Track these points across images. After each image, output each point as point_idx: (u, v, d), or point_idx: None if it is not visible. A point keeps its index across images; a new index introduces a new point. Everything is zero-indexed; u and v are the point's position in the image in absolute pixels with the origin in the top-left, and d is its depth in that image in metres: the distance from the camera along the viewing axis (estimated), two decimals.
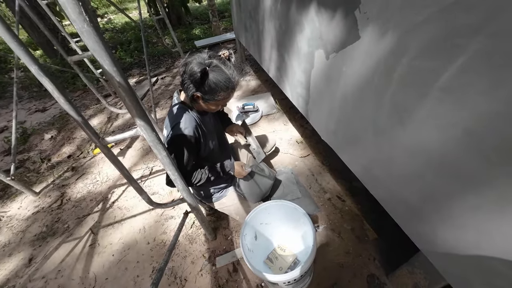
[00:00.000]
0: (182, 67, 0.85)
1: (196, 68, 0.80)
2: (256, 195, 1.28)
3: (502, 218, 0.50)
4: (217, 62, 0.84)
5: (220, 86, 0.84)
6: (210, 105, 0.93)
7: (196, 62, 0.81)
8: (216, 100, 0.89)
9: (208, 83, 0.83)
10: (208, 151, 1.10)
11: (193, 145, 0.97)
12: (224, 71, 0.84)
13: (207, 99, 0.88)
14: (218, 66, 0.84)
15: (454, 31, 0.49)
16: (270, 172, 1.32)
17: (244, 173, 1.17)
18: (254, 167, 1.25)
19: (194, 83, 0.84)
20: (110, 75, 0.51)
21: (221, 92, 0.86)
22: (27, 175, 2.12)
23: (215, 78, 0.82)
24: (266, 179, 1.30)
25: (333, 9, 0.88)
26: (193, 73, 0.81)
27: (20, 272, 1.41)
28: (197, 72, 0.80)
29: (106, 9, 9.76)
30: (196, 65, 0.81)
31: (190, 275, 1.26)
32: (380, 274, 1.14)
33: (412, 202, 0.74)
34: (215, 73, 0.82)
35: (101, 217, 1.65)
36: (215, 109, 0.96)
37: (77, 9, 0.42)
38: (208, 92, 0.85)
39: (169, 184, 0.99)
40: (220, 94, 0.87)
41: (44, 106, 3.30)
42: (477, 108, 0.49)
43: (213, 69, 0.83)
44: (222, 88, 0.85)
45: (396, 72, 0.67)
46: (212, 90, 0.85)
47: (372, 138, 0.85)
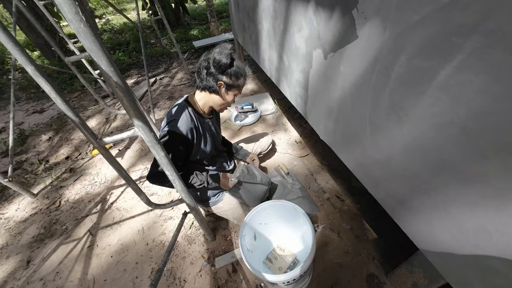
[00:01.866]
0: (205, 61, 0.94)
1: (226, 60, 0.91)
2: (252, 201, 1.25)
3: (499, 216, 0.50)
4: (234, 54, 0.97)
5: (241, 72, 0.97)
6: (229, 95, 1.00)
7: (224, 54, 0.91)
8: (236, 86, 0.99)
9: (235, 69, 0.94)
10: (201, 154, 1.11)
11: (184, 144, 0.98)
12: (241, 62, 0.99)
13: (230, 86, 0.97)
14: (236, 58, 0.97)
15: (450, 30, 0.49)
16: (263, 178, 1.26)
17: (229, 185, 1.15)
18: (242, 176, 1.18)
19: (222, 71, 0.93)
20: (107, 75, 0.50)
21: (241, 78, 0.97)
22: (25, 177, 2.10)
23: (237, 66, 0.95)
24: (259, 185, 1.24)
25: (331, 8, 0.88)
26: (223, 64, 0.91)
27: (18, 274, 1.40)
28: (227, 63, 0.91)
29: (104, 10, 9.73)
30: (225, 56, 0.91)
31: (189, 276, 1.26)
32: (379, 273, 1.14)
33: (410, 200, 0.75)
34: (237, 61, 0.95)
35: (99, 219, 1.64)
36: (230, 101, 1.03)
37: (73, 9, 0.42)
38: (233, 77, 0.95)
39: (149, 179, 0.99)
40: (240, 81, 0.98)
41: (42, 108, 3.28)
42: (474, 106, 0.49)
43: (235, 58, 0.96)
44: (242, 74, 0.97)
45: (394, 71, 0.67)
46: (235, 75, 0.95)
47: (370, 137, 0.85)
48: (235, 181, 1.16)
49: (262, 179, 1.25)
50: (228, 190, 1.23)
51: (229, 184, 1.15)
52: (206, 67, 0.95)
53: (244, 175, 1.19)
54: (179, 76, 3.54)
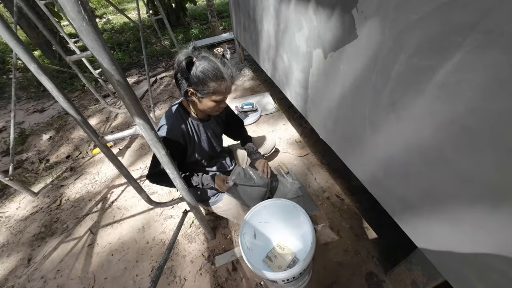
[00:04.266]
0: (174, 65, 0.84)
1: (182, 57, 0.78)
2: (250, 201, 1.21)
3: (496, 214, 0.51)
4: (206, 53, 0.82)
5: (209, 75, 0.79)
6: (206, 102, 0.88)
7: (182, 53, 0.80)
8: (208, 93, 0.84)
9: (196, 73, 0.79)
10: (197, 156, 1.09)
11: (175, 149, 0.95)
12: (212, 60, 0.81)
13: (199, 94, 0.84)
14: (206, 56, 0.81)
15: (449, 28, 0.50)
16: (260, 179, 1.21)
17: (224, 187, 1.10)
18: (238, 179, 1.14)
19: (184, 76, 0.81)
20: (109, 74, 0.51)
21: (210, 82, 0.81)
22: (26, 176, 2.11)
23: (202, 67, 0.79)
24: (256, 188, 1.20)
25: (331, 8, 0.88)
26: (179, 63, 0.78)
27: (19, 272, 1.40)
28: (182, 61, 0.77)
29: (105, 10, 9.74)
30: (182, 55, 0.79)
31: (189, 274, 1.26)
32: (378, 271, 1.14)
33: (409, 199, 0.75)
34: (202, 61, 0.79)
35: (100, 217, 1.65)
36: (212, 107, 0.90)
37: (76, 7, 0.42)
38: (198, 83, 0.81)
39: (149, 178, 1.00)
40: (210, 85, 0.82)
41: (43, 107, 3.29)
42: (473, 105, 0.49)
43: (201, 59, 0.80)
44: (211, 78, 0.80)
45: (394, 70, 0.67)
46: (201, 81, 0.80)
47: (370, 136, 0.85)
48: (230, 184, 1.12)
49: (259, 181, 1.21)
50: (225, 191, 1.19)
51: (223, 187, 1.10)
52: (175, 72, 0.85)
53: (241, 178, 1.15)
54: None
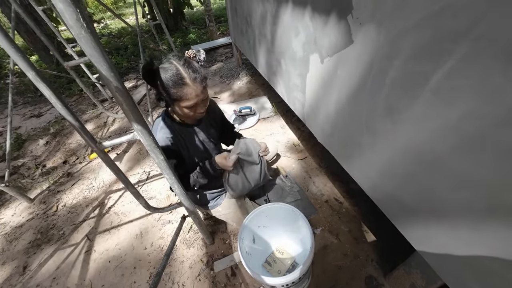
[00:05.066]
0: None
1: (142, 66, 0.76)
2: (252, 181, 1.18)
3: (492, 217, 0.51)
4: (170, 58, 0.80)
5: (169, 83, 0.78)
6: (177, 109, 0.86)
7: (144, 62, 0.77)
8: (175, 100, 0.82)
9: (158, 82, 0.79)
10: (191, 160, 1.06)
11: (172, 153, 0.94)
12: (173, 65, 0.78)
13: (168, 101, 0.83)
14: (170, 61, 0.79)
15: (441, 36, 0.51)
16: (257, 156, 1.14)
17: (229, 163, 1.01)
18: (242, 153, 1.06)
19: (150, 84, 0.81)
20: (107, 80, 0.51)
21: (171, 89, 0.78)
22: (22, 182, 2.09)
23: (162, 74, 0.77)
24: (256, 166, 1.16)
25: (327, 14, 0.90)
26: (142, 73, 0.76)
27: (14, 280, 1.38)
28: (141, 70, 0.76)
29: (103, 15, 9.78)
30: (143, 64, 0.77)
31: (188, 280, 1.25)
32: (378, 275, 1.14)
33: (407, 202, 0.76)
34: (161, 69, 0.78)
35: (97, 223, 1.63)
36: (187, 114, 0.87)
37: (75, 15, 0.42)
38: (162, 91, 0.80)
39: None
40: (172, 92, 0.79)
41: (39, 112, 3.27)
42: (466, 110, 0.50)
43: (162, 66, 0.78)
44: (171, 85, 0.78)
45: (389, 75, 0.68)
46: (164, 88, 0.79)
47: (367, 140, 0.86)
48: (234, 157, 1.02)
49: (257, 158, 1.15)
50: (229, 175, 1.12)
51: (228, 163, 1.01)
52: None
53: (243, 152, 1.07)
54: None
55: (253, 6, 1.76)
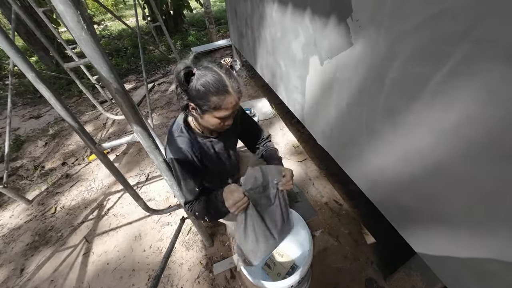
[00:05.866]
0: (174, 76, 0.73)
1: (180, 66, 0.69)
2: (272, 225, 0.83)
3: (492, 219, 0.51)
4: (209, 63, 0.72)
5: (210, 88, 0.69)
6: (208, 119, 0.76)
7: (181, 63, 0.71)
8: (210, 109, 0.72)
9: (196, 86, 0.69)
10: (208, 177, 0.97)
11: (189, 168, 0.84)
12: (215, 71, 0.70)
13: (200, 109, 0.73)
14: (209, 67, 0.71)
15: (440, 38, 0.51)
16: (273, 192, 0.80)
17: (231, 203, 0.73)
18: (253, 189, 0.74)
19: (183, 88, 0.72)
20: (107, 82, 0.51)
21: (212, 96, 0.70)
22: (20, 183, 2.08)
23: (203, 79, 0.68)
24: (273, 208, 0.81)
25: (327, 17, 0.90)
26: (178, 74, 0.69)
27: (11, 282, 1.37)
28: (180, 71, 0.68)
29: (103, 16, 9.81)
30: (181, 65, 0.70)
31: (187, 282, 1.24)
32: (378, 277, 1.14)
33: (407, 204, 0.76)
34: (204, 72, 0.69)
35: (95, 225, 1.62)
36: (216, 124, 0.78)
37: (75, 17, 0.43)
38: (197, 98, 0.71)
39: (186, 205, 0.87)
40: (212, 100, 0.70)
41: (39, 113, 3.27)
42: (465, 112, 0.51)
43: (202, 69, 0.70)
44: (213, 91, 0.69)
45: (388, 77, 0.69)
46: (201, 95, 0.70)
47: (367, 142, 0.86)
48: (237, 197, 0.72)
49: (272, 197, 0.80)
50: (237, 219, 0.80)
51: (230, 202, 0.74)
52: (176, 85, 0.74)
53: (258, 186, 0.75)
54: None
55: (253, 8, 1.77)
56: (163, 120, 2.67)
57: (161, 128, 2.54)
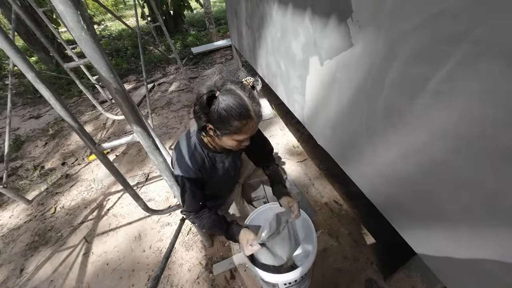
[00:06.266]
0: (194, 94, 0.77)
1: (203, 90, 0.67)
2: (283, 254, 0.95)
3: (492, 220, 0.51)
4: (232, 85, 0.69)
5: (233, 113, 0.67)
6: (226, 141, 0.76)
7: (205, 85, 0.69)
8: (230, 133, 0.72)
9: (218, 109, 0.67)
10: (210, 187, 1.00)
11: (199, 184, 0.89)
12: (239, 95, 0.68)
13: (219, 131, 0.72)
14: (233, 90, 0.68)
15: (440, 38, 0.51)
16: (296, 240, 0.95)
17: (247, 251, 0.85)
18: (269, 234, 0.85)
19: (203, 110, 0.70)
20: (107, 82, 0.51)
21: (234, 121, 0.68)
22: (20, 183, 2.08)
23: (225, 104, 0.66)
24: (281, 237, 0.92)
25: (327, 17, 0.90)
26: (200, 97, 0.68)
27: (10, 283, 1.36)
28: (203, 94, 0.67)
29: (103, 16, 9.82)
30: (204, 87, 0.68)
31: (186, 283, 1.24)
32: (378, 278, 1.14)
33: (407, 205, 0.75)
34: (227, 96, 0.67)
35: (95, 225, 1.62)
36: (233, 145, 0.79)
37: (76, 17, 0.43)
38: (218, 121, 0.69)
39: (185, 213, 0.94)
40: (233, 124, 0.69)
41: (39, 113, 3.27)
42: (465, 113, 0.50)
43: (225, 93, 0.67)
44: (235, 116, 0.68)
45: (388, 78, 0.69)
46: (222, 119, 0.68)
47: (367, 142, 0.86)
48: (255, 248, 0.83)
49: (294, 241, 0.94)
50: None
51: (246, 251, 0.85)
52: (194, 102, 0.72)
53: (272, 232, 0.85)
54: (177, 82, 3.56)
55: (253, 8, 1.77)
56: (163, 120, 2.67)
57: (161, 128, 2.54)
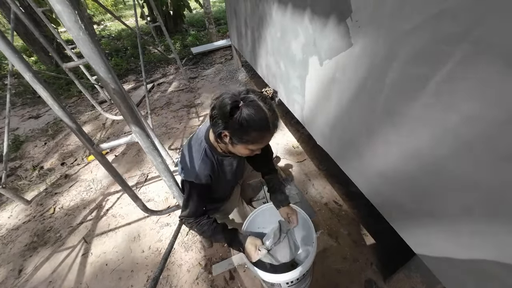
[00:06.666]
0: (214, 100, 0.75)
1: (227, 100, 0.69)
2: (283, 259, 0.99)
3: (492, 220, 0.51)
4: (255, 97, 0.71)
5: (253, 125, 0.70)
6: (239, 148, 0.79)
7: (229, 94, 0.71)
8: (246, 142, 0.75)
9: (240, 119, 0.69)
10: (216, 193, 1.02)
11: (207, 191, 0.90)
12: (261, 108, 0.70)
13: (236, 139, 0.74)
14: (255, 101, 0.71)
15: (440, 39, 0.51)
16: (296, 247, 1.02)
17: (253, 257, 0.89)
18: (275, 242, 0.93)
19: (223, 118, 0.71)
20: (105, 82, 0.51)
21: (253, 132, 0.72)
22: (19, 183, 2.07)
23: (248, 115, 0.69)
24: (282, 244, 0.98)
25: (326, 17, 0.90)
26: (223, 106, 0.69)
27: (9, 283, 1.36)
28: (227, 104, 0.68)
29: (103, 16, 9.81)
30: (228, 97, 0.70)
31: (186, 284, 1.24)
32: (377, 279, 1.13)
33: (406, 205, 0.75)
34: (249, 108, 0.69)
35: (94, 226, 1.62)
36: (245, 153, 0.82)
37: (73, 17, 0.42)
38: (237, 130, 0.71)
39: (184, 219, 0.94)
40: (252, 135, 0.72)
41: (38, 113, 3.26)
42: (465, 113, 0.50)
43: (248, 104, 0.70)
44: (255, 128, 0.71)
45: (388, 78, 0.68)
46: (242, 129, 0.70)
47: (367, 142, 0.86)
48: (263, 252, 0.90)
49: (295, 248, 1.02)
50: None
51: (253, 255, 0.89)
52: (212, 107, 0.75)
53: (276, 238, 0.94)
54: (176, 82, 3.56)
55: (253, 8, 1.77)
56: (162, 120, 2.67)
57: (160, 128, 2.53)
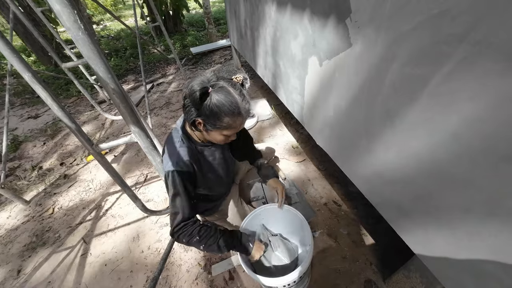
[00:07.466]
0: (185, 89, 0.75)
1: (196, 86, 0.69)
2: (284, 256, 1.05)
3: (491, 221, 0.51)
4: (224, 83, 0.73)
5: (224, 110, 0.71)
6: (214, 135, 0.80)
7: (198, 81, 0.71)
8: (220, 127, 0.76)
9: (210, 105, 0.70)
10: (205, 184, 0.99)
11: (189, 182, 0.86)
12: (231, 93, 0.72)
13: (209, 126, 0.76)
14: (224, 87, 0.72)
15: (440, 39, 0.51)
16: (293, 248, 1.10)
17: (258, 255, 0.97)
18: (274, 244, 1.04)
19: (195, 106, 0.72)
20: (104, 82, 0.51)
21: (225, 117, 0.73)
22: (18, 183, 2.06)
23: (218, 100, 0.70)
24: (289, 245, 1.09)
25: (325, 17, 0.90)
26: (193, 92, 0.70)
27: (8, 284, 1.35)
28: (196, 90, 0.69)
29: (102, 16, 9.80)
30: (197, 83, 0.70)
31: (185, 284, 1.24)
32: (377, 279, 1.13)
33: (406, 206, 0.75)
34: (219, 94, 0.70)
35: (93, 226, 1.61)
36: (221, 140, 0.83)
37: (72, 17, 0.42)
38: (209, 116, 0.73)
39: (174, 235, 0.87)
40: (224, 120, 0.74)
41: (37, 113, 3.25)
42: (464, 114, 0.50)
43: (218, 90, 0.71)
44: (226, 113, 0.72)
45: (387, 78, 0.68)
46: (214, 115, 0.72)
47: (366, 143, 0.86)
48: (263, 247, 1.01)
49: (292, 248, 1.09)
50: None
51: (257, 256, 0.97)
52: (184, 96, 0.75)
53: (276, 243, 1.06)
54: (176, 82, 3.56)
55: (252, 8, 1.77)
56: (162, 120, 2.67)
57: (159, 129, 2.53)
